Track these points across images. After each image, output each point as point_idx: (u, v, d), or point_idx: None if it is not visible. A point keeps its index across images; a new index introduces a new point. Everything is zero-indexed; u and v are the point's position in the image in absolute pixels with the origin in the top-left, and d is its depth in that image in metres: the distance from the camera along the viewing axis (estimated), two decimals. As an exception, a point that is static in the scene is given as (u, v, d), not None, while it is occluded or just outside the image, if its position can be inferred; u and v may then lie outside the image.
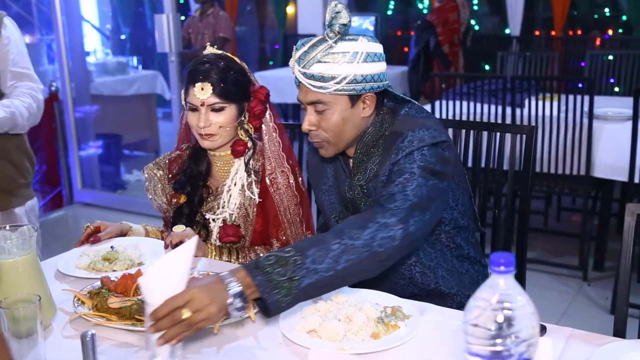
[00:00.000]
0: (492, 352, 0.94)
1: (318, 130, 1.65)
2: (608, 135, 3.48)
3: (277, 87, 5.39)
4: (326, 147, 1.68)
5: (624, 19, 6.79)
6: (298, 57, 1.60)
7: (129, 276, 1.55)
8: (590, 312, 3.31)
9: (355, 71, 1.57)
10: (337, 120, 1.62)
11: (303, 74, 1.59)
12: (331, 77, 1.56)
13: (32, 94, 2.47)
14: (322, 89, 1.58)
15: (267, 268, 1.30)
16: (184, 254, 1.20)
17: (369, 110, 1.65)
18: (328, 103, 1.60)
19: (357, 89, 1.59)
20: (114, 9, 8.53)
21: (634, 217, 1.57)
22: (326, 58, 1.56)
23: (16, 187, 2.52)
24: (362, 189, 1.72)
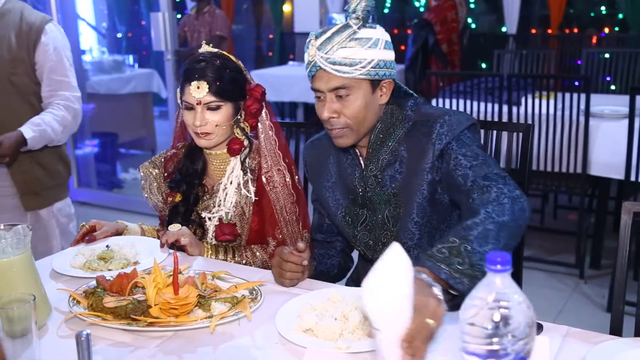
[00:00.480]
0: (488, 351, 0.94)
1: (340, 117, 1.66)
2: (604, 133, 3.48)
3: (273, 85, 5.39)
4: (347, 135, 1.69)
5: (620, 17, 6.79)
6: (319, 44, 1.61)
7: (125, 275, 1.55)
8: (587, 310, 3.32)
9: (379, 56, 1.61)
10: (360, 105, 1.64)
11: (326, 60, 1.60)
12: (357, 61, 1.59)
13: (67, 105, 2.54)
14: (348, 74, 1.60)
15: (446, 260, 1.31)
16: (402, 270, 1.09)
17: (385, 98, 1.70)
18: (351, 88, 1.62)
19: (380, 74, 1.63)
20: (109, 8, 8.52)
21: (630, 215, 1.57)
22: (351, 43, 1.59)
23: (43, 189, 2.57)
24: (376, 179, 1.74)
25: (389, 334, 1.07)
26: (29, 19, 2.50)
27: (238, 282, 1.61)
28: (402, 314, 1.07)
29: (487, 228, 1.37)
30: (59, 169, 2.64)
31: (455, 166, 1.60)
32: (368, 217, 1.79)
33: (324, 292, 1.55)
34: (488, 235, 1.37)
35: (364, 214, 1.80)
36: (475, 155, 1.59)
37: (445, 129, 1.63)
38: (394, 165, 1.71)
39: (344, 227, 1.85)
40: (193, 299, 1.45)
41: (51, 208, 2.64)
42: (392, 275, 1.07)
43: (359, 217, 1.81)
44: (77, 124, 2.62)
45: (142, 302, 1.46)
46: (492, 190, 1.47)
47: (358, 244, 1.84)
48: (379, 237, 1.78)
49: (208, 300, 1.49)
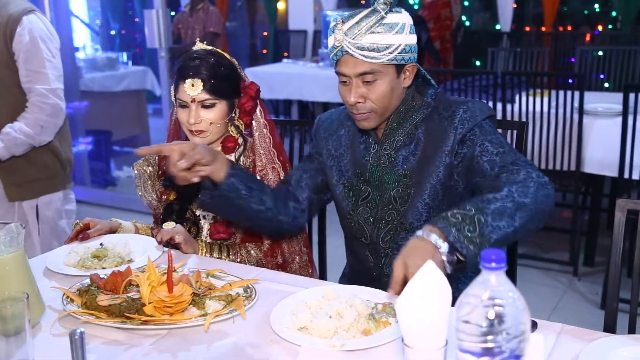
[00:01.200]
0: (483, 349, 0.94)
1: (365, 102, 1.67)
2: (598, 131, 3.49)
3: (267, 83, 5.38)
4: (372, 118, 1.70)
5: (614, 14, 6.81)
6: (347, 29, 1.61)
7: (119, 273, 1.54)
8: (581, 307, 3.33)
9: (406, 41, 1.62)
10: (386, 90, 1.65)
11: (354, 45, 1.60)
12: (385, 46, 1.60)
13: (40, 103, 2.52)
14: (375, 59, 1.61)
15: (458, 225, 1.38)
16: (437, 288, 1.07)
17: (408, 81, 1.71)
18: (378, 73, 1.63)
19: (406, 58, 1.64)
20: (103, 5, 8.48)
21: (624, 213, 1.57)
22: (378, 29, 1.59)
23: (25, 181, 2.56)
24: (389, 158, 1.75)
25: (421, 352, 1.07)
26: (11, 10, 2.49)
27: (232, 280, 1.61)
28: (436, 333, 1.06)
29: (506, 205, 1.42)
30: (46, 161, 2.62)
31: (481, 152, 1.62)
32: (371, 193, 1.79)
33: (318, 290, 1.55)
34: (505, 212, 1.42)
35: (367, 190, 1.79)
36: (501, 143, 1.63)
37: (469, 115, 1.66)
38: (409, 147, 1.73)
39: (342, 199, 1.83)
40: (187, 297, 1.44)
41: (35, 201, 2.63)
42: (428, 294, 1.06)
43: (361, 192, 1.80)
44: (58, 118, 2.58)
45: (136, 300, 1.45)
46: (520, 172, 1.51)
47: (356, 218, 1.80)
48: (382, 215, 1.77)
49: (202, 299, 1.49)
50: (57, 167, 2.67)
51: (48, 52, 2.53)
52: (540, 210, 1.48)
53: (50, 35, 2.57)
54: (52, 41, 2.57)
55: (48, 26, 2.58)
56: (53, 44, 2.57)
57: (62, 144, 2.67)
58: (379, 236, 1.78)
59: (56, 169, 2.67)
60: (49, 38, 2.56)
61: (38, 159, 2.60)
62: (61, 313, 1.46)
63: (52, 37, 2.58)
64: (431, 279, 1.07)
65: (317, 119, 1.97)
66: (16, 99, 2.52)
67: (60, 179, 2.72)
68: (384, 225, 1.77)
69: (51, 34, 2.58)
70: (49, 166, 2.64)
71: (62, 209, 2.73)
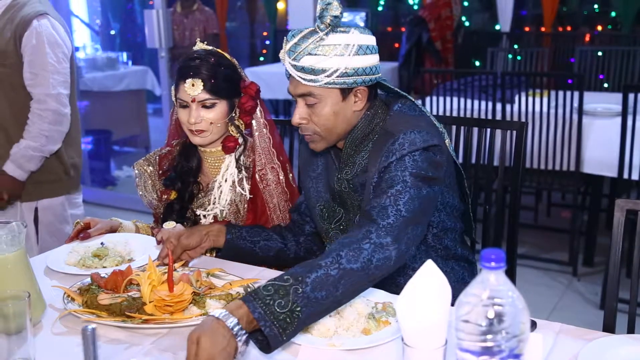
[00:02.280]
0: (482, 348, 0.95)
1: (309, 123, 1.62)
2: (597, 131, 3.50)
3: (267, 83, 5.38)
4: (317, 141, 1.65)
5: (613, 15, 6.82)
6: (288, 49, 1.56)
7: (119, 272, 1.55)
8: (580, 307, 3.33)
9: (347, 64, 1.53)
10: (328, 114, 1.59)
11: (293, 66, 1.55)
12: (322, 69, 1.53)
13: (40, 111, 2.50)
14: (313, 82, 1.54)
15: (266, 299, 1.27)
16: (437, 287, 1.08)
17: (360, 104, 1.62)
18: (318, 96, 1.57)
19: (348, 82, 1.55)
20: (103, 4, 8.47)
21: (623, 213, 1.58)
22: (317, 50, 1.52)
23: (27, 183, 2.54)
24: (349, 183, 1.69)
25: (421, 352, 1.07)
26: (24, 12, 2.49)
27: (232, 279, 1.61)
28: (435, 333, 1.07)
29: (329, 273, 1.33)
30: (49, 165, 2.59)
31: (374, 182, 1.55)
32: (343, 216, 1.76)
33: None
34: (327, 281, 1.31)
35: (340, 212, 1.76)
36: (395, 182, 1.49)
37: (396, 146, 1.54)
38: (369, 177, 1.61)
39: (319, 221, 1.81)
40: (188, 296, 1.45)
41: (34, 203, 2.62)
42: (427, 293, 1.06)
43: (335, 214, 1.77)
44: (62, 125, 2.56)
45: (137, 299, 1.46)
46: (362, 228, 1.43)
47: (330, 240, 1.79)
48: None
49: (203, 298, 1.49)
50: (60, 172, 2.64)
51: (53, 57, 2.50)
52: (368, 276, 1.37)
53: (61, 40, 2.55)
54: (61, 46, 2.55)
55: (59, 31, 2.55)
56: (61, 50, 2.54)
57: (67, 149, 2.65)
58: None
59: (59, 174, 2.64)
60: (57, 43, 2.53)
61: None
62: (62, 312, 1.46)
63: (61, 42, 2.55)
64: (431, 278, 1.08)
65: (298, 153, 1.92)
66: (25, 101, 2.51)
67: (63, 184, 2.68)
68: None
69: (62, 39, 2.56)
70: (51, 170, 2.61)
71: (65, 214, 2.71)
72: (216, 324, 1.23)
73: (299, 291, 1.29)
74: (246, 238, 1.80)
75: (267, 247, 1.83)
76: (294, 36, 1.57)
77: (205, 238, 1.75)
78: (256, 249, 1.82)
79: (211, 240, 1.76)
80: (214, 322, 1.23)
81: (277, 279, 1.31)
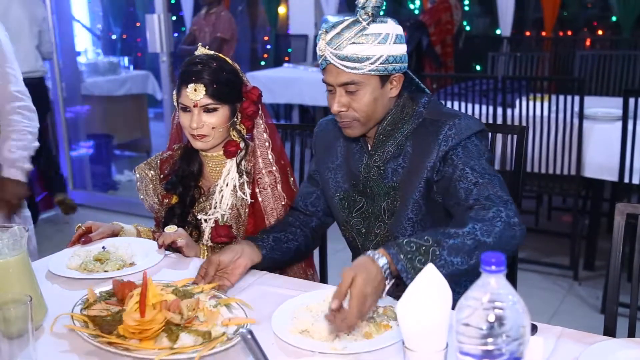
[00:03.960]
0: (483, 351, 0.95)
1: (348, 110, 1.67)
2: (598, 135, 3.50)
3: (268, 87, 5.40)
4: (355, 127, 1.70)
5: (614, 19, 6.83)
6: (329, 39, 1.61)
7: (128, 284, 1.47)
8: (581, 312, 3.33)
9: (388, 52, 1.60)
10: (368, 100, 1.64)
11: (335, 55, 1.60)
12: (366, 57, 1.59)
13: (19, 110, 2.46)
14: (357, 70, 1.60)
15: (409, 255, 1.37)
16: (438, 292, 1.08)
17: (395, 91, 1.69)
18: (360, 83, 1.62)
19: (389, 69, 1.63)
20: (104, 9, 8.50)
21: (623, 217, 1.58)
22: (360, 39, 1.59)
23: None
24: (378, 170, 1.75)
25: (422, 355, 1.08)
26: None
27: (239, 316, 1.46)
28: (436, 336, 1.07)
29: (465, 242, 1.41)
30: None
31: (460, 177, 1.60)
32: (365, 204, 1.80)
33: (319, 293, 1.55)
34: (462, 249, 1.40)
35: (362, 201, 1.80)
36: (482, 171, 1.59)
37: (453, 132, 1.63)
38: (398, 159, 1.72)
39: (339, 210, 1.85)
40: (157, 326, 1.33)
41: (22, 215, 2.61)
42: (428, 297, 1.07)
43: (355, 203, 1.81)
44: (35, 119, 2.53)
45: (119, 316, 1.37)
46: (490, 209, 1.49)
47: (350, 229, 1.84)
48: (373, 227, 1.79)
49: (179, 330, 1.36)
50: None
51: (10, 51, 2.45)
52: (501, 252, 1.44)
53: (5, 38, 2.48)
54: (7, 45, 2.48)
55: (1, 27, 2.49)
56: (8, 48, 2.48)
57: None
58: (368, 247, 1.78)
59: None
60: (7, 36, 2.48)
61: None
62: (59, 314, 1.44)
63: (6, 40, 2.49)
64: (431, 282, 1.08)
65: (316, 126, 1.98)
66: None
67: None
68: (373, 238, 1.79)
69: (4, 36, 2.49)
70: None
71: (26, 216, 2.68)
72: (371, 264, 1.36)
73: (437, 253, 1.39)
74: (275, 248, 1.80)
75: (288, 249, 1.85)
76: (334, 27, 1.62)
77: (240, 254, 1.68)
78: (285, 257, 1.85)
79: (247, 258, 1.69)
80: (369, 262, 1.36)
81: (417, 237, 1.41)
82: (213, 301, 1.49)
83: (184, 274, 1.77)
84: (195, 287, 1.54)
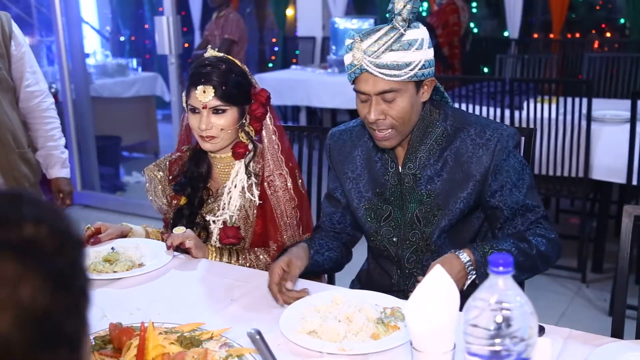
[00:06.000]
0: (491, 352, 0.95)
1: (386, 118, 1.64)
2: (606, 138, 3.49)
3: (276, 89, 5.40)
4: (393, 136, 1.68)
5: (622, 21, 6.81)
6: (366, 47, 1.58)
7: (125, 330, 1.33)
8: (589, 314, 3.32)
9: (425, 57, 1.61)
10: (406, 107, 1.63)
11: (374, 64, 1.58)
12: (405, 64, 1.58)
13: (53, 107, 2.53)
14: (396, 77, 1.59)
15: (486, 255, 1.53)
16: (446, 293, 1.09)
17: (427, 95, 1.68)
18: (399, 90, 1.61)
19: (425, 73, 1.63)
20: (113, 11, 8.54)
21: (631, 219, 1.58)
22: (398, 46, 1.57)
23: (30, 186, 2.56)
24: (414, 177, 1.73)
25: (430, 356, 1.08)
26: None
27: None
28: (444, 337, 1.08)
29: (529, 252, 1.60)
30: (37, 166, 2.59)
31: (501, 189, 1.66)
32: (393, 213, 1.77)
33: (327, 294, 1.56)
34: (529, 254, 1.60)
35: (388, 209, 1.78)
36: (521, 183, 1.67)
37: (503, 144, 1.66)
38: (435, 167, 1.71)
39: (365, 221, 1.81)
40: None
41: None
42: (436, 298, 1.07)
43: (382, 212, 1.78)
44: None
45: None
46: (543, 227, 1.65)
47: (380, 239, 1.80)
48: (406, 235, 1.76)
49: None
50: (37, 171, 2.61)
51: (31, 52, 2.49)
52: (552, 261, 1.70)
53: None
54: None
55: None
56: None
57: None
58: (403, 256, 1.77)
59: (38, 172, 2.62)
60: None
61: (34, 163, 2.56)
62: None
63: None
64: (439, 283, 1.09)
65: (328, 137, 1.93)
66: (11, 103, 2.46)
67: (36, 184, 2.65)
68: (408, 246, 1.76)
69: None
70: (37, 171, 2.60)
71: None
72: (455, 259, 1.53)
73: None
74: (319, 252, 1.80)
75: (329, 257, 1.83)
76: (369, 35, 1.59)
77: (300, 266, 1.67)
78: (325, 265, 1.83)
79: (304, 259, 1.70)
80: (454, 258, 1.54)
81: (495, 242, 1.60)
82: (223, 352, 1.31)
83: (193, 275, 1.78)
84: (203, 333, 1.37)
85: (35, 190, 2.61)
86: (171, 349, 1.26)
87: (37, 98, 2.50)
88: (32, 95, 2.49)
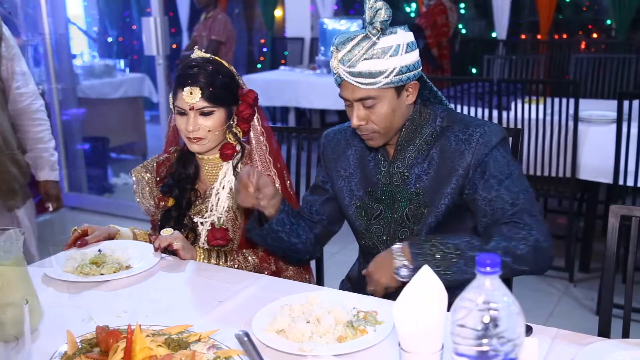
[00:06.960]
0: (478, 352, 0.95)
1: (368, 124, 1.67)
2: (593, 138, 3.51)
3: (265, 90, 5.40)
4: (376, 138, 1.71)
5: (609, 22, 6.86)
6: (341, 57, 1.61)
7: (112, 333, 1.30)
8: (577, 313, 3.34)
9: (401, 63, 1.61)
10: (386, 112, 1.65)
11: (350, 73, 1.61)
12: (379, 72, 1.59)
13: (43, 109, 2.52)
14: (372, 85, 1.61)
15: (427, 257, 1.54)
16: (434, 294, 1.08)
17: (412, 97, 1.70)
18: (377, 97, 1.63)
19: (403, 79, 1.63)
20: (100, 12, 8.49)
21: (617, 218, 1.59)
22: (372, 54, 1.59)
23: (20, 187, 2.53)
24: (402, 176, 1.75)
25: (417, 356, 1.08)
26: None
27: None
28: (432, 337, 1.07)
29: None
30: (26, 168, 2.58)
31: (496, 197, 1.63)
32: (383, 211, 1.79)
33: (303, 295, 1.55)
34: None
35: (379, 208, 1.80)
36: (517, 190, 1.62)
37: (485, 139, 1.66)
38: (422, 165, 1.73)
39: (356, 219, 1.84)
40: None
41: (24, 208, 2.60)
42: (424, 298, 1.07)
43: (373, 210, 1.81)
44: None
45: None
46: (522, 230, 1.58)
47: (369, 237, 1.82)
48: (396, 234, 1.78)
49: None
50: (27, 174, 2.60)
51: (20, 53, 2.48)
52: (521, 271, 1.60)
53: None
54: None
55: None
56: None
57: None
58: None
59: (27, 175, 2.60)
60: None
61: (23, 164, 2.54)
62: None
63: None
64: (427, 283, 1.08)
65: (323, 137, 1.95)
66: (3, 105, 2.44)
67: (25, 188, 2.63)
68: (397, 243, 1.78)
69: None
70: (26, 173, 2.58)
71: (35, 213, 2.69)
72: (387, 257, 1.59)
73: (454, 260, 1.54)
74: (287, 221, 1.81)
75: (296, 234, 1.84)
76: (344, 44, 1.61)
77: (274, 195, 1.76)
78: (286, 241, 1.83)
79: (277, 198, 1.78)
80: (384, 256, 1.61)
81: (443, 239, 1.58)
82: (211, 354, 1.30)
83: (181, 277, 1.78)
84: (191, 335, 1.36)
85: (24, 192, 2.59)
86: (159, 352, 1.24)
87: (27, 100, 2.48)
88: (22, 96, 2.47)
